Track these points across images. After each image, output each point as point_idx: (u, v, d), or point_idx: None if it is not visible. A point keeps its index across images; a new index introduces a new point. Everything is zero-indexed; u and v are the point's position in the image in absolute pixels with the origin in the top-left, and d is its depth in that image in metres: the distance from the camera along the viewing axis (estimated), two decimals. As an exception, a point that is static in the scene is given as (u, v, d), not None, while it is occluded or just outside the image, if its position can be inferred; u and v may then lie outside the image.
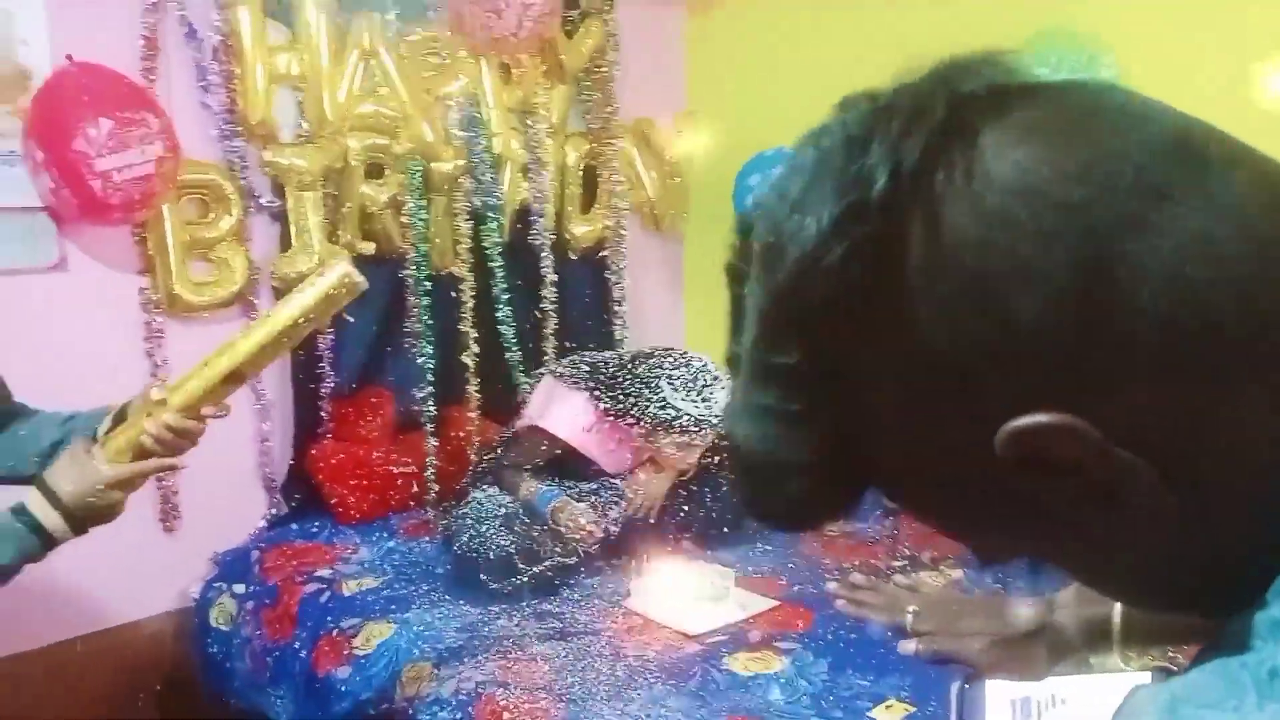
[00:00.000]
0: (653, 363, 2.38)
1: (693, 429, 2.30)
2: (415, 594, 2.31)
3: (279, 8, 2.47)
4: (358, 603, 2.28)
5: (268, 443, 2.62)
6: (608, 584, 2.35)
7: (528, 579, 2.23)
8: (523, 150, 2.89)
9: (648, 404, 2.31)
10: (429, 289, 2.75)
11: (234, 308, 2.52)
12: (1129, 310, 0.39)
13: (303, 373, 2.65)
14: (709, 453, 2.50)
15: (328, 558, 2.48)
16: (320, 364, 2.64)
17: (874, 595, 1.10)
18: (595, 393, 2.38)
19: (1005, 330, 0.40)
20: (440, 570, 2.41)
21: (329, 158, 2.54)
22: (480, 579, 2.22)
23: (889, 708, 1.81)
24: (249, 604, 2.40)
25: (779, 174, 0.46)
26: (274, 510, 2.65)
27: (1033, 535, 0.46)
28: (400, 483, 2.72)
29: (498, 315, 2.89)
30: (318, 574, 2.40)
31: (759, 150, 3.08)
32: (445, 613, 2.21)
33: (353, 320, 2.68)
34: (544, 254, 2.97)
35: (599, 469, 2.46)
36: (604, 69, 3.02)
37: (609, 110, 3.05)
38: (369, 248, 2.67)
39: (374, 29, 2.58)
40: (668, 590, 2.25)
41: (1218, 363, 0.39)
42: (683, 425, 2.29)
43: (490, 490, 2.35)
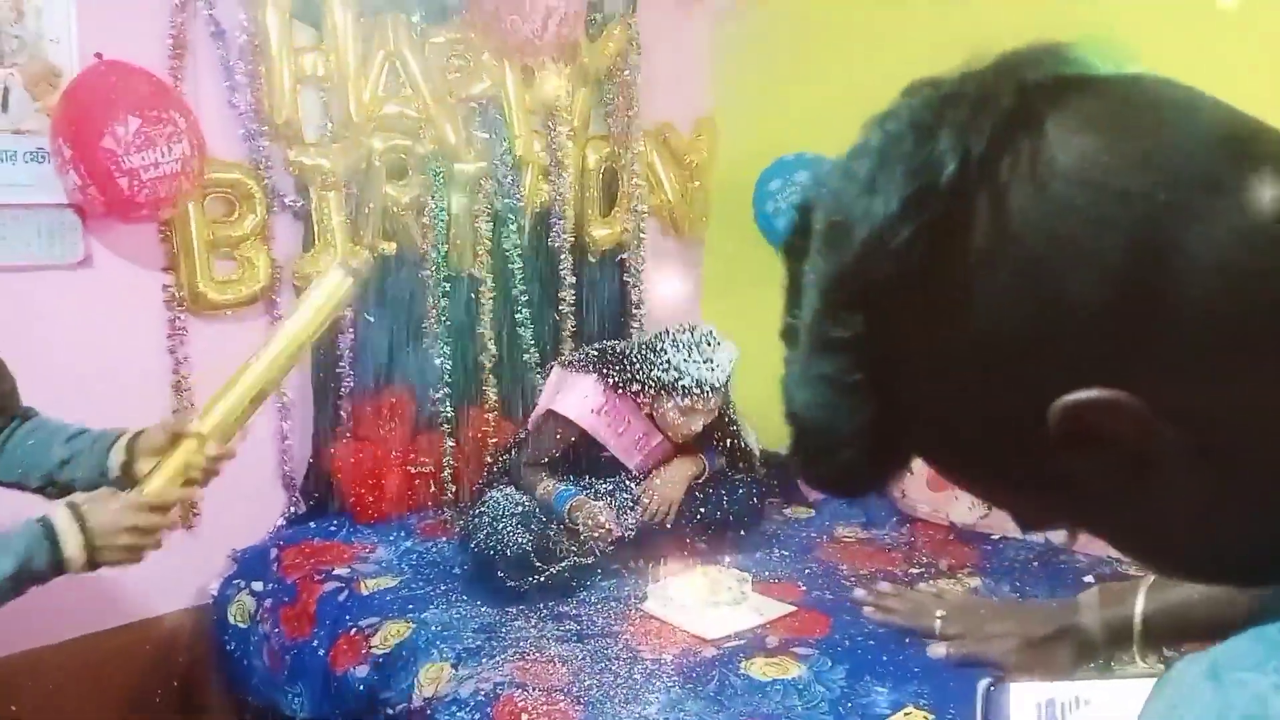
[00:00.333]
0: (658, 332, 2.44)
1: (695, 390, 2.32)
2: (433, 594, 2.31)
3: (306, 9, 2.48)
4: (375, 602, 2.29)
5: (287, 441, 2.63)
6: (624, 587, 2.35)
7: (544, 578, 2.24)
8: (544, 153, 2.90)
9: (651, 368, 2.34)
10: (449, 290, 2.76)
11: (257, 306, 2.54)
12: (1178, 295, 0.41)
13: (322, 373, 2.66)
14: (718, 441, 2.51)
15: (346, 557, 2.49)
16: (340, 364, 2.66)
17: (900, 601, 1.11)
18: (602, 371, 2.42)
19: (1060, 310, 0.42)
20: (458, 570, 2.41)
21: (353, 158, 2.56)
22: (497, 576, 2.22)
23: (907, 715, 1.81)
24: (267, 601, 2.41)
25: (845, 156, 0.48)
26: (293, 509, 2.66)
27: (1074, 505, 0.48)
28: (418, 483, 2.74)
29: (516, 317, 2.90)
30: (336, 573, 2.41)
31: (776, 155, 3.09)
32: (463, 613, 2.22)
33: (372, 321, 2.70)
34: (563, 256, 2.98)
35: (612, 458, 2.47)
36: (626, 72, 3.03)
37: (630, 114, 3.05)
38: (390, 248, 2.68)
39: (399, 31, 2.59)
40: (685, 594, 2.25)
41: (1259, 347, 0.42)
42: (685, 387, 2.32)
43: (507, 489, 2.36)
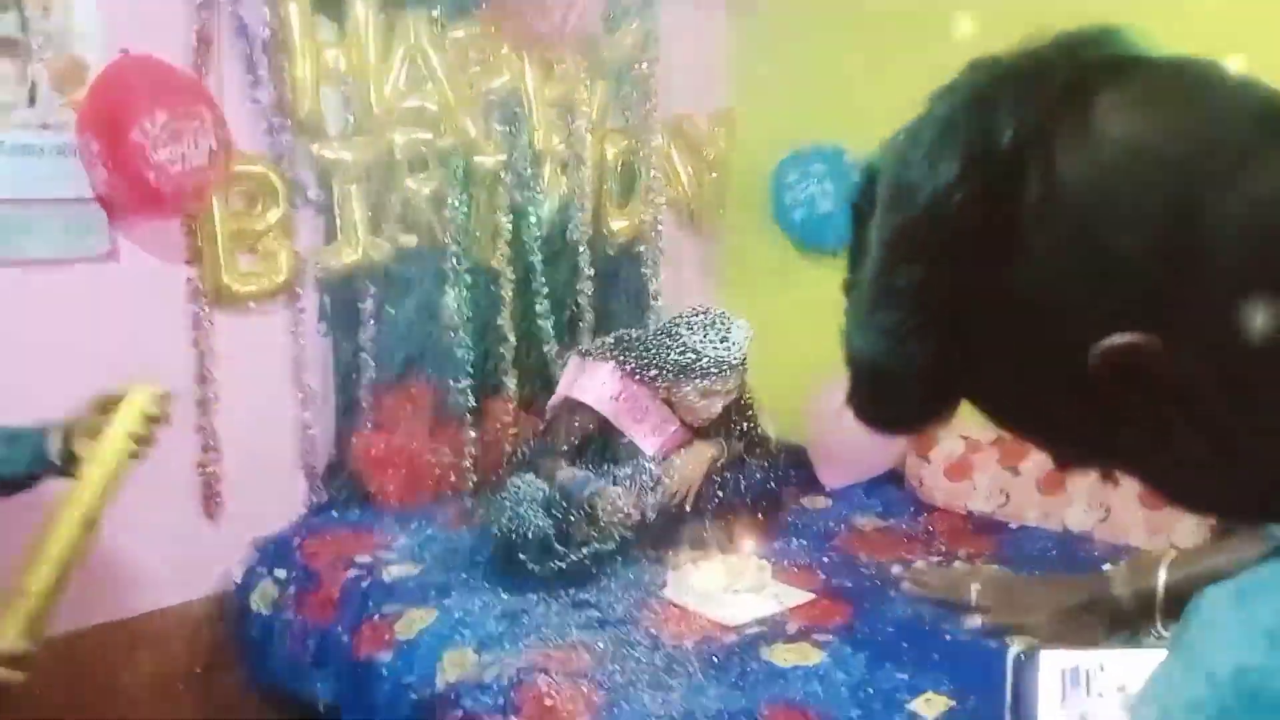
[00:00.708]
0: (674, 317, 2.47)
1: (713, 371, 2.36)
2: (455, 581, 2.33)
3: (327, 4, 2.50)
4: (398, 589, 2.31)
5: (310, 431, 2.66)
6: (644, 575, 2.37)
7: (565, 564, 2.26)
8: (563, 146, 2.92)
9: (668, 352, 2.37)
10: (469, 282, 2.78)
11: (279, 298, 2.56)
12: (1211, 252, 0.46)
13: (344, 363, 2.68)
14: (735, 425, 2.53)
15: (368, 545, 2.52)
16: (361, 355, 2.68)
17: (936, 576, 1.14)
18: (620, 358, 2.45)
19: (1104, 263, 0.47)
20: (479, 559, 2.43)
21: (374, 152, 2.58)
22: (519, 559, 2.25)
23: (928, 701, 1.82)
24: (290, 588, 2.43)
25: (910, 124, 0.53)
26: (315, 498, 2.69)
27: (1110, 443, 0.52)
28: (439, 472, 2.76)
29: (536, 309, 2.92)
30: (359, 560, 2.44)
31: (792, 146, 3.10)
32: (485, 600, 2.24)
33: (393, 312, 2.72)
34: (581, 249, 3.00)
35: (630, 444, 2.49)
36: (644, 65, 3.04)
37: (648, 107, 3.07)
38: (411, 240, 2.70)
39: (420, 26, 2.61)
40: (705, 582, 2.27)
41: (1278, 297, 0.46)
42: (703, 368, 2.35)
43: (528, 476, 2.38)
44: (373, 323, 2.67)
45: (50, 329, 2.22)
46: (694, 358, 2.36)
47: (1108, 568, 2.39)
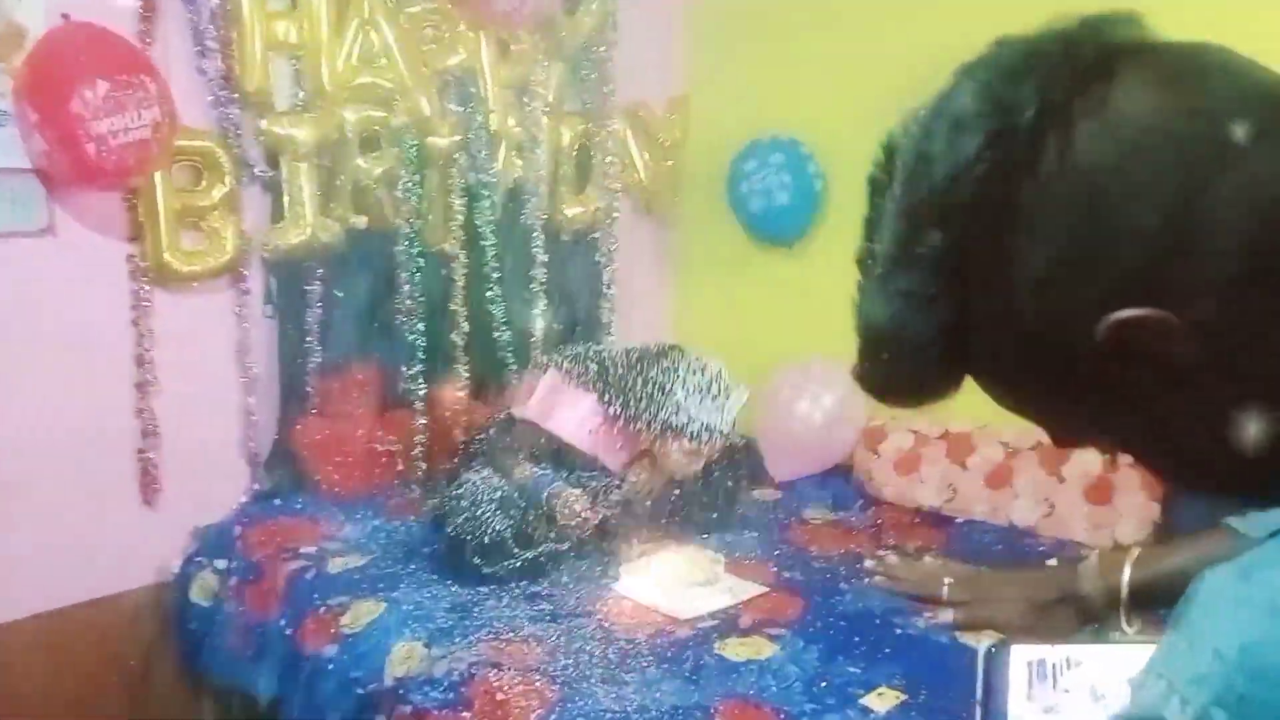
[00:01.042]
0: (666, 365, 2.37)
1: (704, 436, 2.31)
2: (403, 573, 2.29)
3: (279, -27, 2.42)
4: (344, 581, 2.26)
5: (253, 416, 2.59)
6: (597, 568, 2.34)
7: (520, 563, 2.23)
8: (519, 128, 2.87)
9: (659, 409, 2.31)
10: (421, 265, 2.72)
11: (223, 278, 2.48)
12: (1218, 227, 0.47)
13: (289, 347, 2.61)
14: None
15: (312, 535, 2.46)
16: (307, 338, 2.61)
17: (908, 570, 1.13)
18: (606, 395, 2.37)
19: (1114, 233, 0.48)
20: (427, 550, 2.39)
21: (325, 129, 2.50)
22: (473, 562, 2.21)
23: (880, 695, 1.82)
24: (232, 580, 2.37)
25: (934, 97, 0.55)
26: (257, 486, 2.62)
27: (1110, 416, 0.54)
28: (386, 461, 2.70)
29: (488, 294, 2.87)
30: (303, 551, 2.38)
31: (751, 136, 3.08)
32: (434, 593, 2.20)
33: (341, 295, 2.65)
34: (536, 234, 2.95)
35: (600, 462, 2.45)
36: (602, 49, 3.00)
37: (606, 90, 3.03)
38: (361, 221, 2.64)
39: (374, -1, 2.54)
40: (658, 575, 2.25)
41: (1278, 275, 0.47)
42: (693, 433, 2.30)
43: (484, 472, 2.33)
44: (320, 305, 2.61)
45: (-17, 305, 2.13)
46: (686, 421, 2.31)
47: (1052, 562, 2.42)
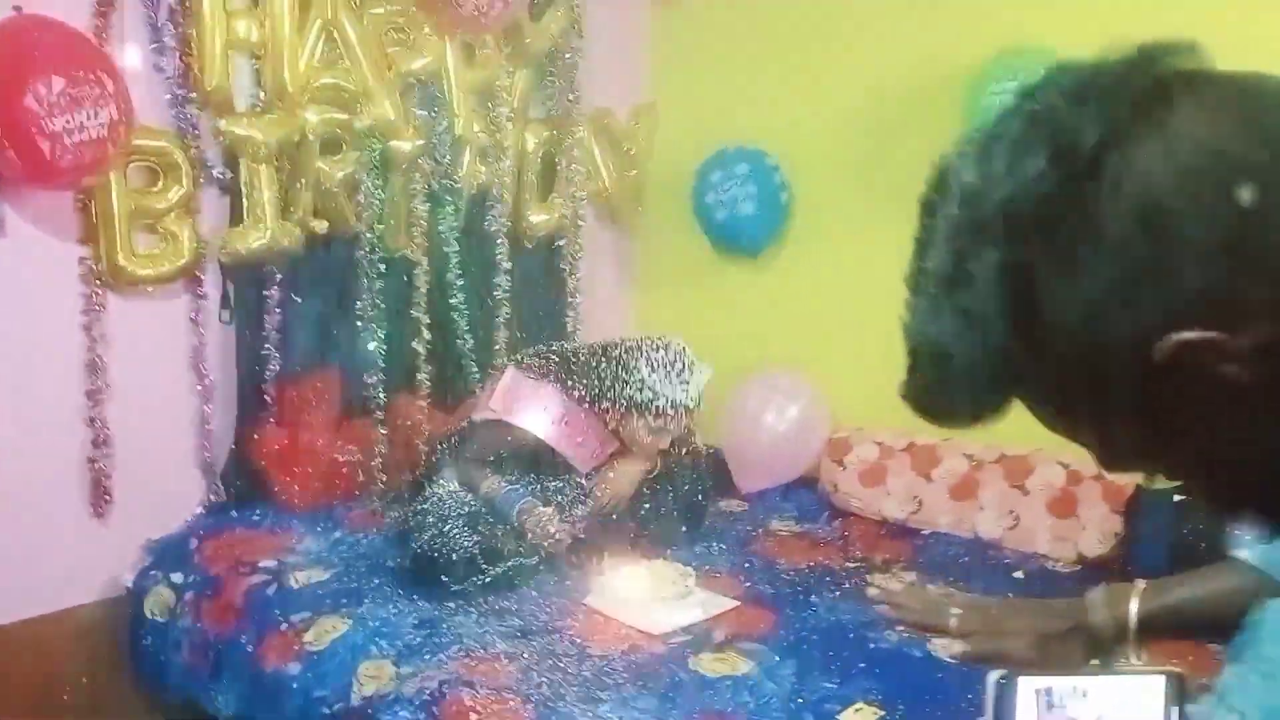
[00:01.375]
0: (628, 345, 2.38)
1: (669, 411, 2.31)
2: (367, 588, 2.24)
3: (241, -30, 2.35)
4: (307, 596, 2.20)
5: (208, 426, 2.51)
6: (566, 582, 2.32)
7: (488, 579, 2.19)
8: (483, 133, 2.83)
9: (624, 386, 2.31)
10: (382, 271, 2.66)
11: (179, 283, 2.41)
12: (1276, 249, 0.48)
13: (247, 354, 2.54)
14: (674, 448, 2.48)
15: (272, 548, 2.39)
16: (266, 345, 2.54)
17: (914, 599, 1.12)
18: (568, 382, 2.37)
19: (1175, 253, 0.49)
20: (391, 564, 2.34)
21: (285, 130, 2.44)
22: (441, 580, 2.17)
23: (858, 711, 1.82)
24: (188, 594, 2.29)
25: (991, 121, 0.55)
26: (213, 497, 2.54)
27: (1163, 439, 0.54)
28: (346, 471, 2.64)
29: (451, 302, 2.82)
30: (262, 564, 2.31)
31: (716, 146, 3.07)
32: (400, 609, 2.15)
33: (301, 301, 2.59)
34: (499, 241, 2.91)
35: (563, 461, 2.42)
36: (567, 55, 2.97)
37: (571, 98, 2.99)
38: (322, 226, 2.57)
39: (338, -2, 2.48)
40: (629, 589, 2.23)
41: None
42: (659, 408, 2.30)
43: (451, 486, 2.29)
44: (279, 311, 2.54)
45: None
46: (651, 397, 2.30)
47: (1018, 575, 2.43)
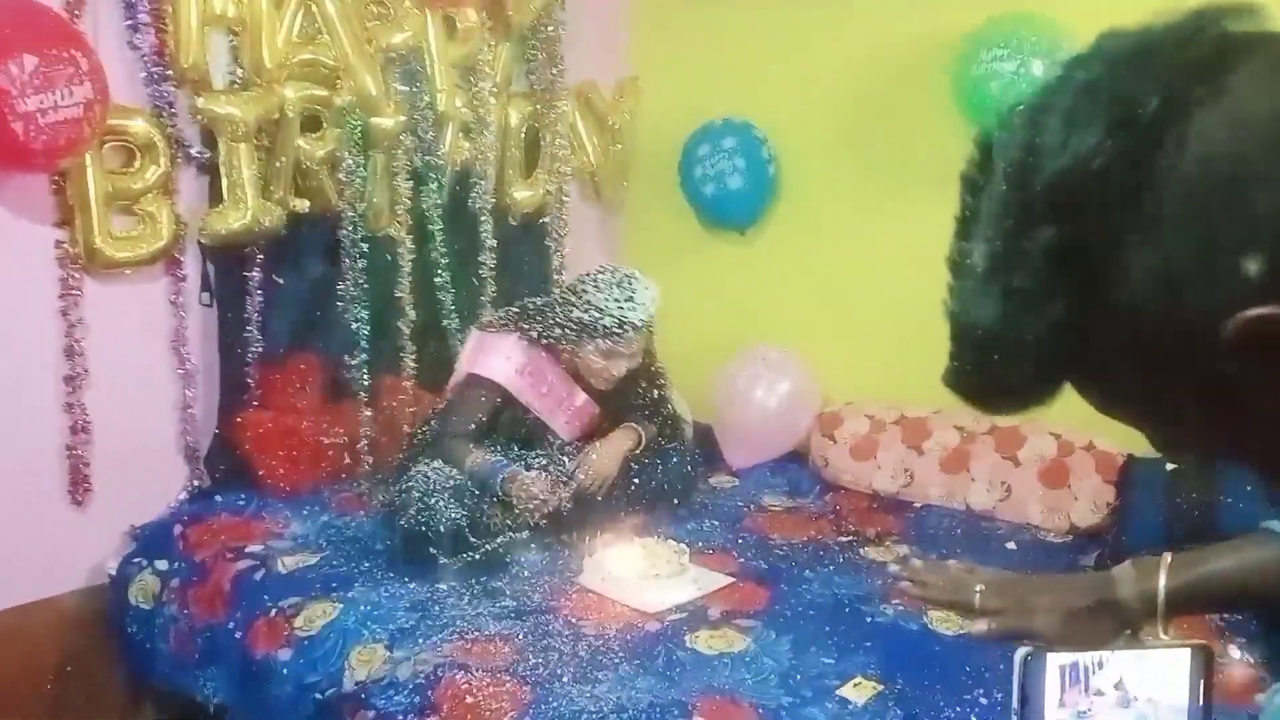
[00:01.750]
0: (580, 276, 2.40)
1: (616, 331, 2.29)
2: (356, 571, 2.21)
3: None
4: (295, 580, 2.17)
5: (190, 410, 2.47)
6: (557, 561, 2.30)
7: (479, 555, 2.17)
8: (466, 109, 2.78)
9: (570, 309, 2.31)
10: (365, 250, 2.62)
11: (158, 265, 2.36)
12: None
13: (229, 337, 2.50)
14: (642, 391, 2.48)
15: (258, 532, 2.36)
16: (248, 328, 2.50)
17: (936, 576, 1.10)
18: (524, 326, 2.37)
19: (1242, 224, 0.46)
20: (380, 546, 2.31)
21: (264, 108, 2.39)
22: (429, 553, 2.14)
23: (857, 685, 1.81)
24: (174, 581, 2.26)
25: (1037, 92, 0.53)
26: (196, 482, 2.50)
27: (1228, 423, 0.52)
28: (332, 454, 2.61)
29: (435, 281, 2.79)
30: (249, 550, 2.28)
31: (703, 119, 3.03)
32: (392, 591, 2.12)
33: (283, 282, 2.54)
34: (484, 218, 2.87)
35: (538, 423, 2.41)
36: (551, 27, 2.92)
37: (554, 71, 2.95)
38: (303, 205, 2.53)
39: (316, -29, 2.42)
40: (621, 567, 2.21)
41: None
42: (605, 327, 2.28)
43: (435, 463, 2.26)
44: (260, 293, 2.50)
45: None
46: (597, 315, 2.28)
47: (1011, 545, 2.42)
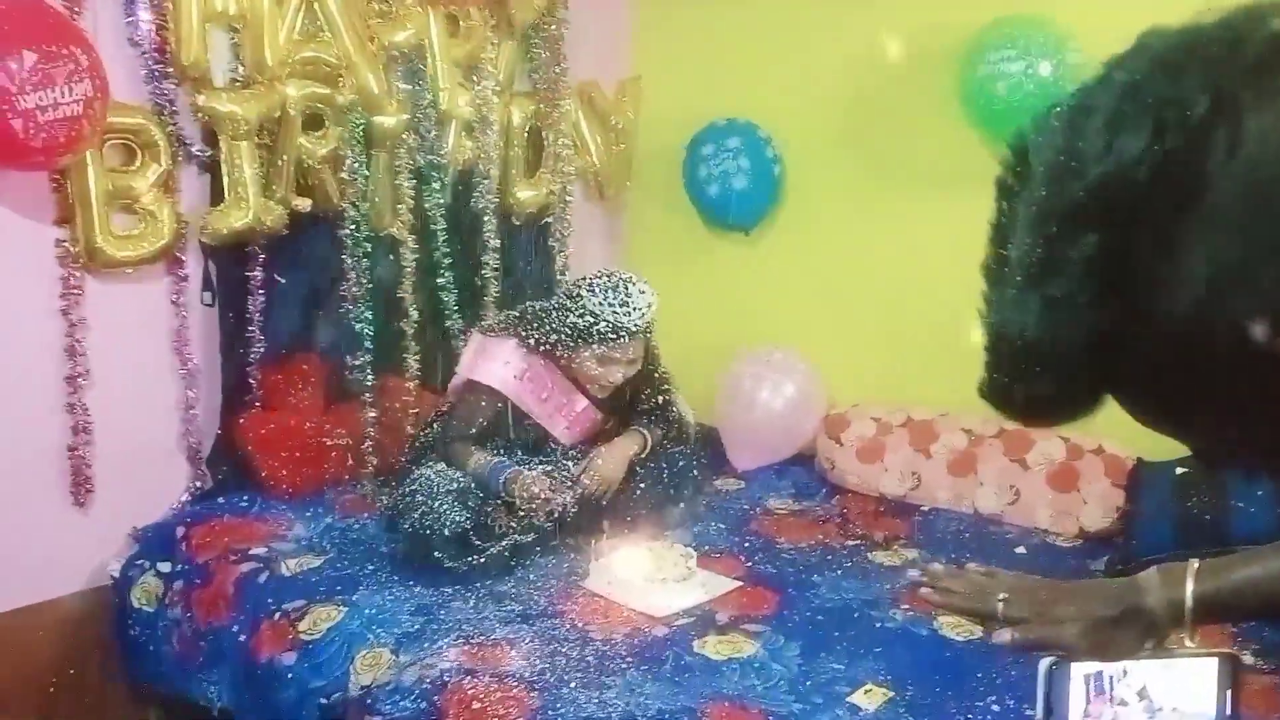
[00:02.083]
0: (578, 280, 2.38)
1: (610, 336, 2.26)
2: (361, 575, 2.19)
3: (217, -61, 2.27)
4: (300, 583, 2.15)
5: (192, 411, 2.44)
6: (563, 564, 2.28)
7: (484, 558, 2.15)
8: (469, 108, 2.76)
9: (567, 314, 2.28)
10: (368, 250, 2.60)
11: (159, 264, 2.34)
12: None
13: (230, 337, 2.47)
14: (643, 396, 2.47)
15: (261, 534, 2.34)
16: (249, 327, 2.48)
17: (958, 583, 1.08)
18: (524, 333, 2.35)
19: None
20: (385, 549, 2.29)
21: (266, 106, 2.36)
22: (433, 557, 2.12)
23: (868, 692, 1.79)
24: (177, 583, 2.24)
25: (1075, 94, 0.51)
26: (198, 483, 2.48)
27: (1268, 434, 0.50)
28: (335, 455, 2.58)
29: (438, 281, 2.76)
30: (252, 552, 2.26)
31: (704, 120, 3.01)
32: (396, 595, 2.11)
33: (285, 282, 2.52)
34: (487, 218, 2.85)
35: (538, 428, 2.39)
36: (553, 26, 2.90)
37: (557, 70, 2.93)
38: (305, 204, 2.51)
39: (318, -33, 2.40)
40: (628, 571, 2.19)
41: None
42: (600, 333, 2.26)
43: (439, 466, 2.24)
44: (262, 293, 2.48)
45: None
46: (591, 321, 2.25)
47: (1020, 550, 2.40)
